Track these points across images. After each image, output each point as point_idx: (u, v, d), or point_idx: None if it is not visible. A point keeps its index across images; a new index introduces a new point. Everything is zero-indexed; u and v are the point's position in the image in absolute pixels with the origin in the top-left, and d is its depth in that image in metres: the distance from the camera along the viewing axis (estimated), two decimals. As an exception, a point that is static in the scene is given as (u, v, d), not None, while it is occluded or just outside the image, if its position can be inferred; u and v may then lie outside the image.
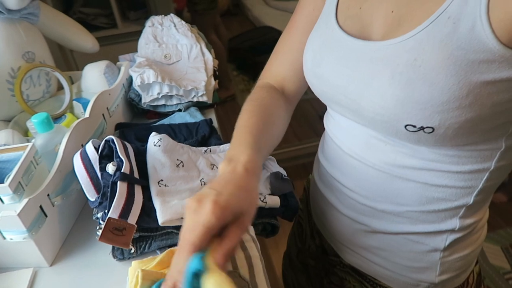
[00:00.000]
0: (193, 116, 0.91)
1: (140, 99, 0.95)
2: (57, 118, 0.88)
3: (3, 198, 0.60)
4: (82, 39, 1.00)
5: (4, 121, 0.88)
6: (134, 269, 0.55)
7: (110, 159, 0.63)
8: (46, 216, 0.65)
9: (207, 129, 0.85)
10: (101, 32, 1.97)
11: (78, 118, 0.89)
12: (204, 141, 0.82)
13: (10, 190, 0.59)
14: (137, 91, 0.95)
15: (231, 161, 0.52)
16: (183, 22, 1.04)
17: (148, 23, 1.04)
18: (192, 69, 0.99)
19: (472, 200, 0.58)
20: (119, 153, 0.62)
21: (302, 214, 0.87)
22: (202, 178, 0.67)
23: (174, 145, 0.68)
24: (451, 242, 0.62)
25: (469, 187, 0.57)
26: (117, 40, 1.99)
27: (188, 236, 0.43)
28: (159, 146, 0.66)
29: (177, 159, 0.67)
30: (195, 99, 0.94)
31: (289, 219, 0.68)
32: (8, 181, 0.59)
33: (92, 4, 1.98)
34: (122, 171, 0.60)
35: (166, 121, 0.91)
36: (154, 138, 0.67)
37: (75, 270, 0.64)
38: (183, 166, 0.67)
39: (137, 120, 0.99)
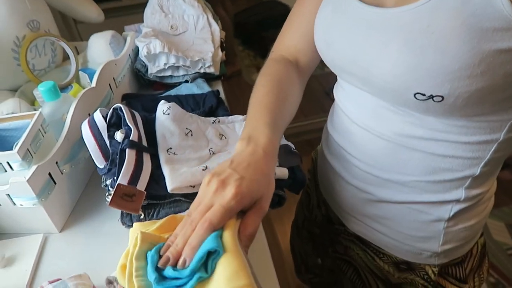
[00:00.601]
0: (200, 88, 0.91)
1: (147, 70, 0.94)
2: (63, 88, 0.88)
3: (12, 164, 0.60)
4: (87, 9, 0.99)
5: (10, 91, 0.87)
6: (135, 230, 0.55)
7: (118, 127, 0.63)
8: (55, 183, 0.65)
9: (214, 101, 0.84)
10: (105, 4, 1.93)
11: (84, 88, 0.89)
12: (211, 112, 0.81)
13: (19, 157, 0.59)
14: (143, 62, 0.94)
15: (250, 141, 0.53)
16: (189, -9, 1.02)
17: (154, -8, 1.03)
18: (199, 40, 0.98)
19: (479, 171, 0.58)
20: (127, 121, 0.62)
21: (310, 184, 0.88)
22: (211, 148, 0.67)
23: (183, 114, 0.68)
24: (456, 212, 0.62)
25: (476, 158, 0.57)
26: (122, 13, 1.96)
27: (209, 215, 0.44)
28: (168, 114, 0.66)
29: (186, 128, 0.67)
30: (202, 70, 0.93)
31: (295, 192, 0.68)
32: (16, 148, 0.60)
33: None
34: (130, 138, 0.60)
35: (173, 92, 0.91)
36: (163, 106, 0.67)
37: (84, 237, 0.65)
38: (192, 135, 0.66)
39: (144, 91, 0.99)
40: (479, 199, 0.63)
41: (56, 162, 0.66)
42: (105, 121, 0.64)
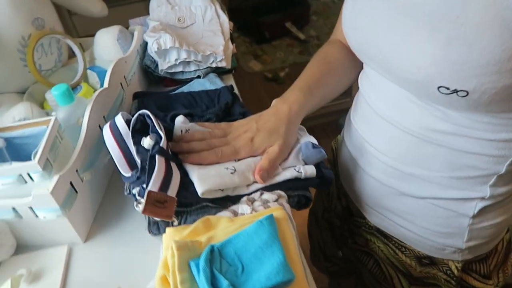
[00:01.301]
0: (213, 83, 0.88)
1: (156, 66, 0.91)
2: (72, 89, 0.84)
3: (33, 175, 0.58)
4: (90, 2, 0.95)
5: (17, 93, 0.84)
6: (168, 236, 0.53)
7: (142, 134, 0.60)
8: (76, 192, 0.63)
9: (229, 97, 0.82)
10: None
11: (93, 88, 0.86)
12: (227, 109, 0.79)
13: (39, 167, 0.57)
14: (152, 58, 0.90)
15: (282, 99, 0.67)
16: (196, -19, 0.98)
17: (159, -16, 0.98)
18: (208, 33, 0.94)
19: (505, 169, 0.57)
20: (157, 127, 0.59)
21: None
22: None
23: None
24: (481, 209, 0.61)
25: (502, 156, 0.55)
26: (121, 2, 1.90)
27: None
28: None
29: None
30: (214, 65, 0.90)
31: (326, 189, 0.66)
32: (37, 158, 0.57)
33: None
34: (161, 145, 0.57)
35: (185, 88, 0.88)
36: (182, 126, 0.64)
37: (110, 246, 0.63)
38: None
39: (154, 88, 0.96)
40: (505, 197, 0.61)
41: (76, 170, 0.63)
42: (128, 126, 0.61)
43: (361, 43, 0.59)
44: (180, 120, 0.65)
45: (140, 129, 0.61)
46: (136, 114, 0.60)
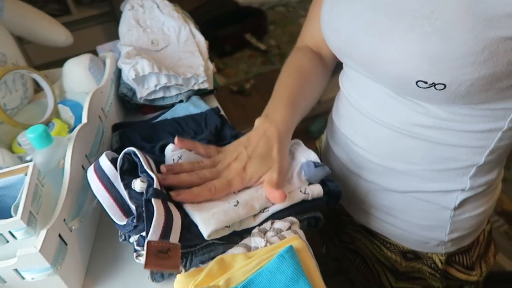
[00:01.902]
0: (197, 106, 0.83)
1: (134, 93, 0.85)
2: (43, 127, 0.77)
3: (15, 234, 0.50)
4: (54, 32, 0.88)
5: (-20, 137, 0.75)
6: (182, 284, 0.48)
7: (131, 174, 0.55)
8: (66, 244, 0.56)
9: (217, 119, 0.77)
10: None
11: (67, 124, 0.79)
12: (217, 133, 0.74)
13: (23, 223, 0.50)
14: (129, 85, 0.85)
15: (267, 119, 0.62)
16: (166, 2, 0.94)
17: (127, 6, 0.93)
18: (185, 54, 0.90)
19: (483, 160, 0.58)
20: (145, 167, 0.53)
21: None
22: None
23: (195, 158, 0.60)
24: (462, 201, 0.62)
25: (480, 147, 0.57)
26: (73, 28, 1.78)
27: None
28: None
29: None
30: (195, 87, 0.85)
31: (333, 205, 0.63)
32: (19, 213, 0.50)
33: (39, -11, 1.78)
34: (154, 187, 0.52)
35: (168, 114, 0.82)
36: (173, 155, 0.59)
37: (109, 300, 0.57)
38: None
39: (132, 117, 0.90)
40: (485, 188, 0.63)
41: (64, 219, 0.56)
42: (114, 166, 0.55)
43: (341, 44, 0.60)
44: (170, 149, 0.60)
45: (128, 169, 0.55)
46: (122, 154, 0.54)
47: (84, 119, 0.69)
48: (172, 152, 0.59)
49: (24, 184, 0.54)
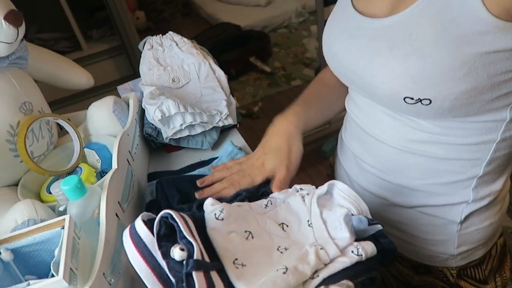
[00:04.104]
0: (232, 154, 0.82)
1: (158, 132, 0.84)
2: (71, 172, 0.76)
3: (57, 293, 0.49)
4: (75, 75, 0.88)
5: (8, 187, 0.75)
6: None
7: (169, 239, 0.51)
8: (107, 300, 0.54)
9: None
10: (65, 57, 1.79)
11: (94, 168, 0.78)
12: (257, 187, 0.71)
13: (65, 283, 0.48)
14: (153, 125, 0.84)
15: (282, 116, 0.72)
16: (185, 39, 0.94)
17: (146, 46, 0.93)
18: (207, 90, 0.89)
19: (482, 171, 0.59)
20: (185, 233, 0.49)
21: None
22: (279, 246, 0.55)
23: (237, 212, 0.57)
24: (468, 214, 0.63)
25: (476, 159, 0.58)
26: (84, 63, 1.82)
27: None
28: (223, 219, 0.55)
29: (245, 231, 0.56)
30: (220, 124, 0.85)
31: (388, 264, 0.59)
32: (60, 272, 0.49)
33: (49, 28, 1.79)
34: (194, 257, 0.48)
35: (206, 170, 0.80)
36: (214, 209, 0.55)
37: None
38: (253, 237, 0.56)
39: (157, 155, 0.89)
40: (490, 199, 0.63)
41: (103, 274, 0.55)
42: (150, 231, 0.51)
43: (340, 69, 0.64)
44: (209, 203, 0.57)
45: (166, 234, 0.51)
46: (159, 217, 0.52)
47: (114, 165, 0.68)
48: (212, 206, 0.56)
49: (63, 239, 0.53)
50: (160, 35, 0.94)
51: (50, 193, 0.73)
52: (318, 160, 2.50)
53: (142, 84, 0.89)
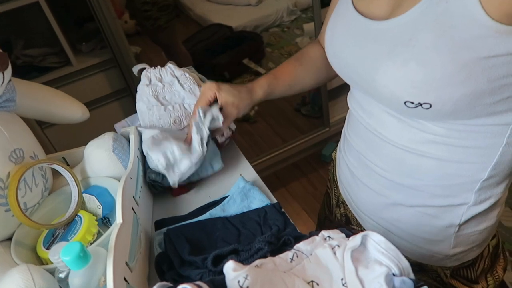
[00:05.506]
0: (246, 196, 0.75)
1: (163, 177, 0.77)
2: (69, 223, 0.69)
3: None
4: (69, 110, 0.80)
5: (0, 243, 0.67)
6: None
7: None
8: None
9: (280, 218, 0.69)
10: (55, 73, 1.70)
11: (95, 214, 0.71)
12: (279, 235, 0.65)
13: None
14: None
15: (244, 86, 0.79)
16: (187, 75, 0.86)
17: (143, 80, 0.85)
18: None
19: (487, 175, 0.58)
20: None
21: (329, 184, 0.93)
22: None
23: (263, 276, 0.51)
24: (468, 216, 0.63)
25: (482, 162, 0.57)
26: (74, 78, 1.74)
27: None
28: (248, 287, 0.49)
29: None
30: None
31: None
32: None
33: (37, 44, 1.69)
34: None
35: (218, 211, 0.74)
36: (237, 276, 0.48)
37: None
38: None
39: (162, 198, 0.82)
40: (490, 204, 0.63)
41: None
42: None
43: (343, 68, 0.64)
44: (231, 267, 0.50)
45: None
46: None
47: (119, 219, 0.61)
48: (235, 272, 0.50)
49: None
50: (159, 67, 0.86)
51: (48, 248, 0.67)
52: (318, 164, 2.47)
53: (141, 128, 0.81)
